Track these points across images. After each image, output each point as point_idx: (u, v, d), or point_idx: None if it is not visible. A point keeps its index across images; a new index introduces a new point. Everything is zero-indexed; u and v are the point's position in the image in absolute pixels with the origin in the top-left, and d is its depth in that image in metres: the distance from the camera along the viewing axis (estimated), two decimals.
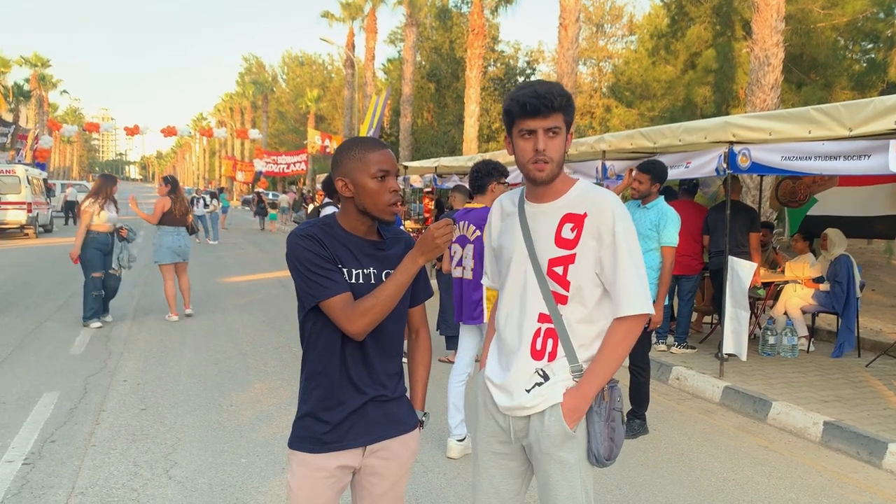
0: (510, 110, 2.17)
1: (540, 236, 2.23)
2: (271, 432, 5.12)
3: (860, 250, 15.26)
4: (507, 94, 2.23)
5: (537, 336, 2.22)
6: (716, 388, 6.32)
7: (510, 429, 2.29)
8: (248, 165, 48.84)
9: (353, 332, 2.07)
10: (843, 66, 16.88)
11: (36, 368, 6.75)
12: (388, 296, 2.07)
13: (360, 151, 2.16)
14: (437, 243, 2.05)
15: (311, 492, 2.18)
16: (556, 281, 2.20)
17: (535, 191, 2.27)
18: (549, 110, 2.11)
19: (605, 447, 2.22)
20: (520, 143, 2.18)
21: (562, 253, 2.19)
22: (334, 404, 2.16)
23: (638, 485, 4.37)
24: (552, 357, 2.22)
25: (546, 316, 2.21)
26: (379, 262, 2.20)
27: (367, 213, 2.17)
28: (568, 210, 2.21)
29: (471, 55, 24.82)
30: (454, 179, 13.78)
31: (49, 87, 60.59)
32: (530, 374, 2.22)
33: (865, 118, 5.01)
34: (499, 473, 2.36)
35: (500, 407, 2.29)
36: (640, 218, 5.31)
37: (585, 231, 2.17)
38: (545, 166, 2.15)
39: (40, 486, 4.13)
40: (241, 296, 11.70)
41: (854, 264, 7.65)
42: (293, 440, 2.21)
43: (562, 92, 2.14)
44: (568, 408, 2.18)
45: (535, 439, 2.22)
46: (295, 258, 2.11)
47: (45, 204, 25.79)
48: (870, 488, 4.43)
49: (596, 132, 25.02)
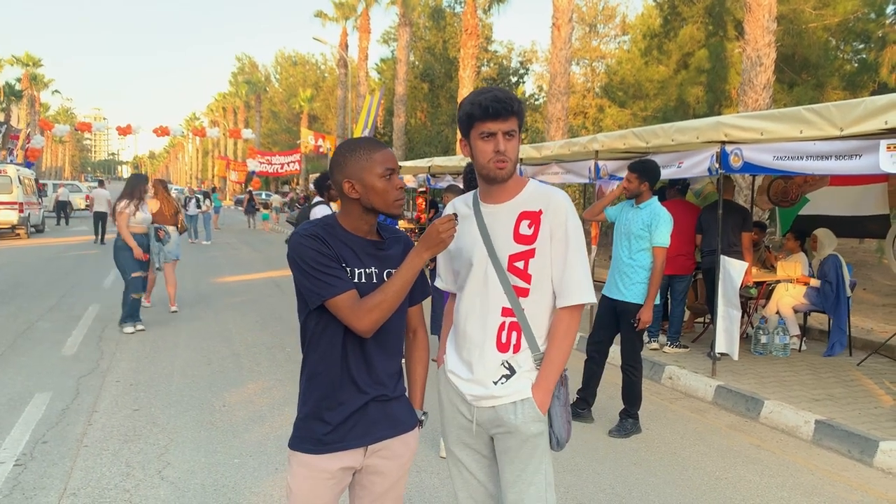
0: (472, 113, 2.30)
1: (498, 234, 2.37)
2: (264, 433, 5.11)
3: (852, 250, 15.34)
4: (465, 98, 2.35)
5: (502, 330, 2.36)
6: (708, 387, 6.35)
7: (474, 420, 2.41)
8: (241, 165, 48.70)
9: (361, 329, 2.09)
10: (835, 67, 16.95)
11: (27, 369, 6.72)
12: (396, 291, 2.11)
13: (364, 152, 2.19)
14: (441, 238, 2.12)
15: (310, 493, 2.19)
16: (517, 275, 2.34)
17: (490, 191, 2.41)
18: (508, 114, 2.28)
19: (565, 430, 2.42)
20: (479, 144, 2.32)
21: (521, 248, 2.34)
22: (335, 404, 2.17)
23: (630, 484, 4.38)
24: (517, 349, 2.36)
25: (509, 310, 2.35)
26: (380, 261, 2.22)
27: (375, 211, 2.21)
28: (524, 208, 2.37)
29: (464, 55, 24.83)
30: (447, 179, 13.79)
31: (41, 87, 60.33)
32: (496, 366, 2.36)
33: (856, 118, 5.04)
34: (473, 463, 2.51)
35: (468, 396, 2.40)
36: (632, 218, 5.31)
37: (542, 227, 2.34)
38: (505, 165, 2.31)
39: (32, 487, 4.12)
40: (234, 296, 11.67)
41: (843, 264, 7.69)
42: (294, 441, 2.22)
43: (517, 98, 2.32)
44: (539, 403, 2.34)
45: (509, 427, 2.35)
46: (299, 257, 2.12)
47: (37, 204, 25.65)
48: (861, 486, 4.46)
49: (589, 132, 25.04)
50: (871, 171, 5.13)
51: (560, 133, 17.29)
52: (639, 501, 4.14)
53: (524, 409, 2.33)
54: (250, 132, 52.17)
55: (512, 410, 2.33)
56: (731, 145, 6.23)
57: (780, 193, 9.08)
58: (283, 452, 4.72)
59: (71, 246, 20.40)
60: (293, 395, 6.08)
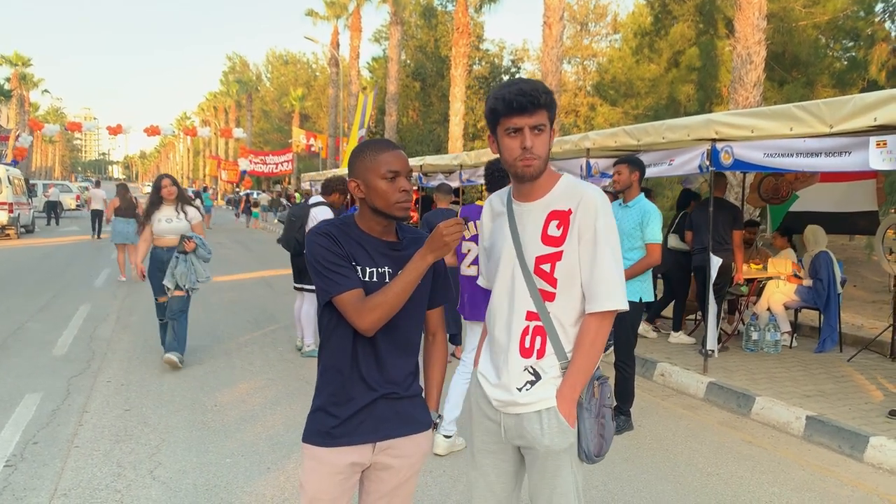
0: (496, 108, 2.17)
1: (527, 235, 2.26)
2: (256, 432, 5.10)
3: (842, 246, 15.41)
4: (490, 92, 2.23)
5: (525, 334, 2.24)
6: (700, 383, 6.37)
7: (501, 426, 2.31)
8: (233, 165, 48.54)
9: (362, 327, 2.11)
10: (825, 64, 17.00)
11: (18, 370, 6.68)
12: (396, 293, 2.11)
13: (371, 153, 2.20)
14: (445, 241, 2.07)
15: (318, 485, 2.20)
16: (543, 278, 2.22)
17: (522, 189, 2.29)
18: (535, 107, 2.13)
19: (595, 444, 2.26)
20: (506, 140, 2.19)
21: (549, 250, 2.21)
22: (344, 400, 2.19)
23: (623, 480, 4.39)
24: (541, 354, 2.24)
25: (534, 314, 2.23)
26: (394, 261, 2.23)
27: (378, 212, 2.20)
28: (553, 207, 2.24)
29: (455, 53, 24.77)
30: (439, 178, 13.77)
31: (30, 87, 59.89)
32: (520, 371, 2.25)
33: (846, 115, 5.06)
34: (493, 472, 2.38)
35: (494, 401, 2.31)
36: (622, 217, 5.32)
37: (572, 227, 2.20)
38: (532, 162, 2.18)
39: (22, 488, 4.10)
40: (225, 295, 11.63)
41: (834, 261, 7.72)
42: (306, 434, 2.25)
43: (545, 89, 2.16)
44: (565, 414, 2.21)
45: (533, 439, 2.23)
46: (311, 255, 2.18)
47: (27, 204, 25.52)
48: (852, 482, 4.48)
49: (580, 130, 25.08)
50: (860, 167, 5.16)
51: None
52: (631, 498, 4.15)
53: (549, 421, 2.21)
54: (241, 131, 52.07)
55: (537, 421, 2.22)
56: (722, 143, 6.25)
57: (771, 190, 9.11)
58: (276, 451, 4.71)
59: (61, 246, 20.30)
60: (285, 394, 6.07)
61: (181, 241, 6.70)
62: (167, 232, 6.87)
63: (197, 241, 6.79)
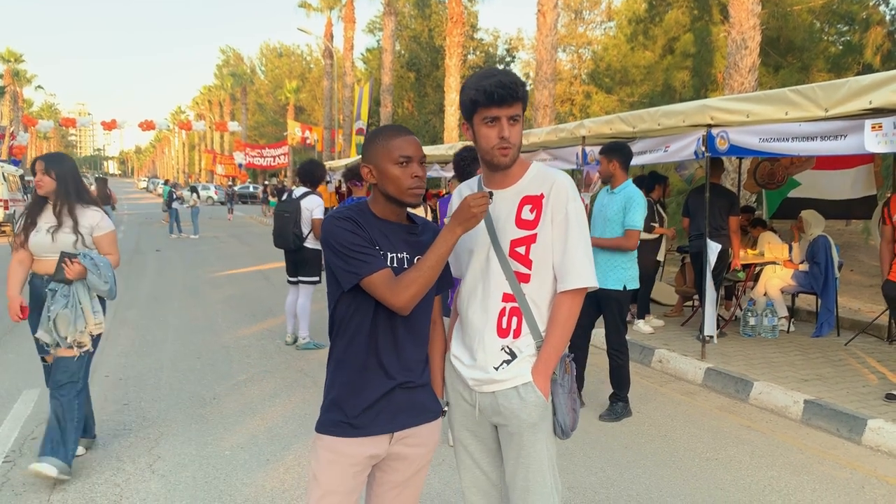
0: (476, 99, 2.25)
1: (500, 220, 2.34)
2: (255, 425, 5.10)
3: (839, 231, 15.42)
4: (467, 81, 2.29)
5: (502, 315, 2.32)
6: (698, 369, 6.37)
7: (476, 405, 2.38)
8: (228, 158, 48.37)
9: (399, 304, 2.09)
10: (820, 49, 16.96)
11: (15, 366, 6.67)
12: (431, 266, 2.12)
13: (383, 139, 2.21)
14: (473, 212, 2.11)
15: (335, 478, 2.18)
16: (519, 261, 2.31)
17: (494, 177, 2.38)
18: (513, 99, 2.23)
19: (570, 418, 2.37)
20: (483, 129, 2.28)
21: (523, 234, 2.31)
22: (361, 389, 2.17)
23: (622, 466, 4.40)
24: (517, 334, 2.32)
25: (510, 295, 2.32)
26: (411, 247, 2.24)
27: (391, 198, 2.20)
28: (526, 192, 2.34)
29: (450, 43, 24.68)
30: (435, 168, 13.76)
31: (23, 83, 59.77)
32: (497, 351, 2.32)
33: (841, 98, 5.05)
34: (477, 449, 2.46)
35: (470, 381, 2.36)
36: (608, 203, 5.32)
37: (545, 211, 2.30)
38: (508, 151, 2.27)
39: (21, 483, 4.09)
40: (222, 289, 11.62)
41: (832, 245, 7.72)
42: (320, 424, 2.22)
43: (522, 83, 2.27)
44: (540, 387, 2.30)
45: (511, 413, 2.31)
46: (333, 239, 2.14)
47: (23, 201, 25.42)
48: (850, 464, 4.49)
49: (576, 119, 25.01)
50: (856, 150, 5.15)
51: (547, 120, 17.25)
52: (630, 484, 4.15)
53: (525, 394, 2.29)
54: (237, 125, 51.93)
55: (514, 395, 2.29)
56: (717, 128, 6.23)
57: (767, 176, 9.10)
58: (275, 443, 4.71)
59: None
60: (284, 386, 6.07)
61: (59, 263, 4.14)
62: (46, 250, 4.30)
63: (85, 262, 4.13)
